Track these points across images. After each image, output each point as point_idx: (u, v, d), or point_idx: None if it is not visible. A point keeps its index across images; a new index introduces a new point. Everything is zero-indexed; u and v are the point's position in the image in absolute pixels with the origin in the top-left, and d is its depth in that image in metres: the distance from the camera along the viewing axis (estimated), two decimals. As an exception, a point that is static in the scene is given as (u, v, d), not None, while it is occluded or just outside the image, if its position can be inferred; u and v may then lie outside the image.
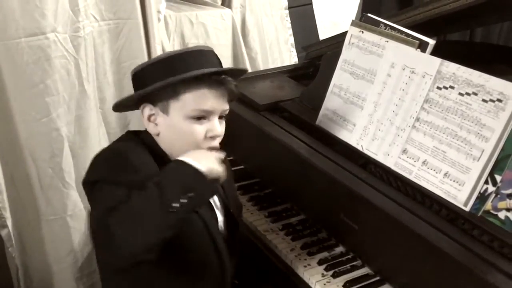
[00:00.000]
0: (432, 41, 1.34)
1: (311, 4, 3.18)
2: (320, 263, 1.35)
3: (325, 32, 3.18)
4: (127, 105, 1.24)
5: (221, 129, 1.18)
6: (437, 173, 1.25)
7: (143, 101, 1.19)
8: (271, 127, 1.62)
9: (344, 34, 1.56)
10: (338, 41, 1.72)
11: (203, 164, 1.04)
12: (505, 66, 1.67)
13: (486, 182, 1.17)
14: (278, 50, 2.80)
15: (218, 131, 1.17)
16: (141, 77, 1.20)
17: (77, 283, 1.85)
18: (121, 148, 1.19)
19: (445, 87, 1.27)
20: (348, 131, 1.48)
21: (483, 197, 1.17)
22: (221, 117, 1.20)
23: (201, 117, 1.16)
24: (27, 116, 1.63)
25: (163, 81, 1.14)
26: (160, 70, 1.17)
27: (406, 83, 1.35)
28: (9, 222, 1.67)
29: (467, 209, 1.19)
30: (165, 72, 1.15)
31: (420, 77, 1.32)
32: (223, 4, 2.55)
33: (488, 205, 1.16)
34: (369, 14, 1.52)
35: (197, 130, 1.15)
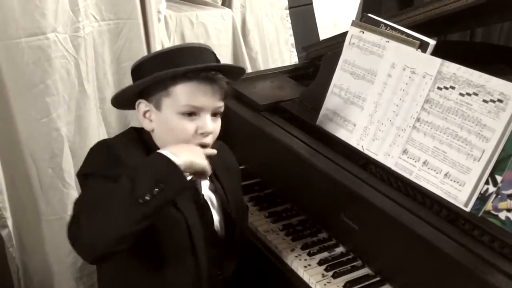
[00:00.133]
0: (432, 41, 1.34)
1: (311, 4, 3.18)
2: (320, 263, 1.35)
3: (325, 32, 3.18)
4: (126, 102, 1.24)
5: (212, 127, 1.17)
6: (437, 173, 1.25)
7: (139, 97, 1.19)
8: (271, 127, 1.62)
9: (344, 34, 1.56)
10: (338, 41, 1.71)
11: (181, 157, 1.03)
12: (505, 66, 1.67)
13: (486, 182, 1.17)
14: (278, 50, 2.80)
15: (208, 128, 1.15)
16: (137, 72, 1.20)
17: (77, 283, 1.85)
18: (113, 143, 1.20)
19: (446, 88, 1.27)
20: (348, 132, 1.48)
21: (483, 198, 1.17)
22: (215, 115, 1.19)
23: (192, 113, 1.15)
24: (27, 116, 1.63)
25: (151, 75, 1.14)
26: (154, 64, 1.17)
27: (406, 83, 1.35)
28: (10, 222, 1.67)
29: (468, 210, 1.19)
30: (157, 66, 1.15)
31: (420, 77, 1.32)
32: (223, 4, 2.55)
33: (488, 206, 1.16)
34: (369, 14, 1.52)
35: (187, 126, 1.15)
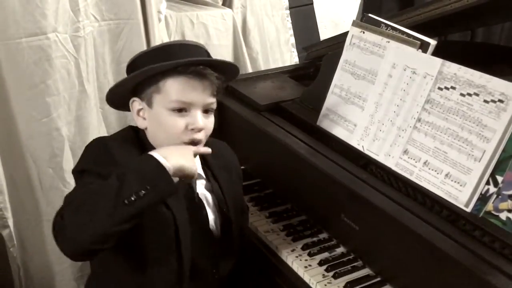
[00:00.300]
0: (433, 42, 1.34)
1: (312, 4, 3.18)
2: (321, 264, 1.35)
3: (326, 32, 3.17)
4: (121, 101, 1.24)
5: (204, 123, 1.16)
6: (438, 173, 1.25)
7: (133, 95, 1.19)
8: (271, 128, 1.62)
9: (345, 34, 1.56)
10: (339, 41, 1.71)
11: (171, 160, 1.03)
12: (506, 66, 1.67)
13: (487, 183, 1.17)
14: (279, 50, 2.80)
15: (199, 123, 1.15)
16: (131, 67, 1.20)
17: (78, 283, 1.85)
18: (110, 141, 1.20)
19: (446, 88, 1.27)
20: (349, 132, 1.47)
21: (484, 198, 1.17)
22: (207, 111, 1.18)
23: (182, 109, 1.15)
24: (27, 116, 1.63)
25: (139, 70, 1.14)
26: (146, 59, 1.17)
27: (407, 84, 1.35)
28: (10, 222, 1.67)
29: (469, 210, 1.19)
30: (150, 61, 1.14)
31: (421, 77, 1.32)
32: (224, 4, 2.55)
33: (489, 206, 1.16)
34: (370, 14, 1.52)
35: (177, 122, 1.14)
